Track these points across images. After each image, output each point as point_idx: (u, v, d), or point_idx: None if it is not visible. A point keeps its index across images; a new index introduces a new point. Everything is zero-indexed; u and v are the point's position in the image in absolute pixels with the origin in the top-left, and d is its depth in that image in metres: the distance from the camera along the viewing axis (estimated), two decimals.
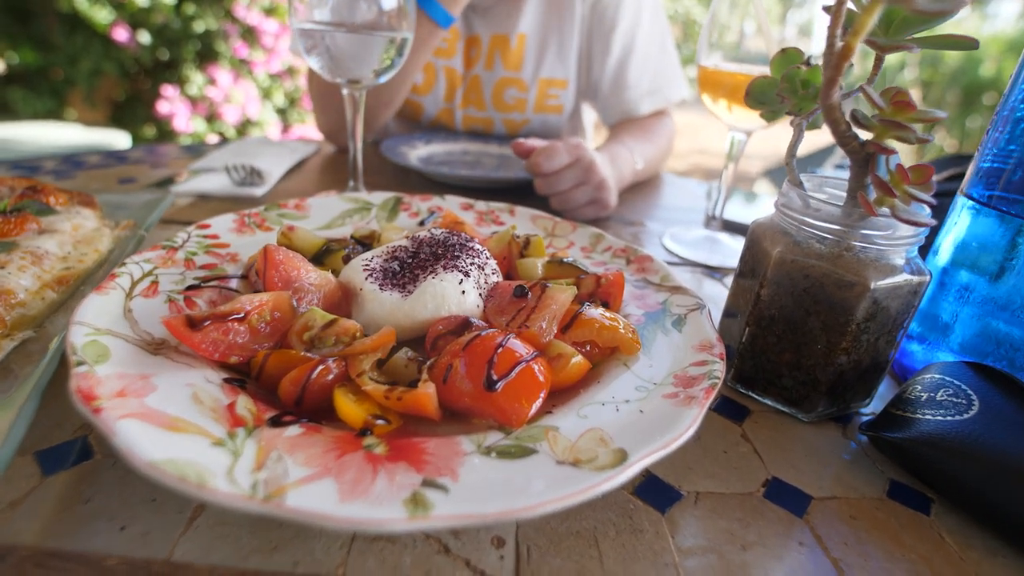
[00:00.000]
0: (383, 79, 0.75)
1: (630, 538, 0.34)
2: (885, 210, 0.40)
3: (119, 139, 2.35)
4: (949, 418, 0.39)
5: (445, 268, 0.46)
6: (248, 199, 0.83)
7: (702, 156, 8.73)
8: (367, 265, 0.47)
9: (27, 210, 0.56)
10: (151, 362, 0.36)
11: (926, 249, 0.56)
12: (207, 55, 2.49)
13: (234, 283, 0.50)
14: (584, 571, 0.31)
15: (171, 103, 2.42)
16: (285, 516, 0.26)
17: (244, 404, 0.34)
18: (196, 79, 2.46)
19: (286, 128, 2.96)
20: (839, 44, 0.36)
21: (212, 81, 2.50)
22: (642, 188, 1.10)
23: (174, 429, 0.31)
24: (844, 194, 0.45)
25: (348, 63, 0.71)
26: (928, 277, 0.44)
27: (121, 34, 2.23)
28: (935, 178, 0.83)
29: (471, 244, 0.50)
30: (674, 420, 0.35)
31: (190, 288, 0.46)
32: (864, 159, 0.41)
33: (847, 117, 0.40)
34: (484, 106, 1.22)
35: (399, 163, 0.96)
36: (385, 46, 0.71)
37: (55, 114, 2.52)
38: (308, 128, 3.03)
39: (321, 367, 0.36)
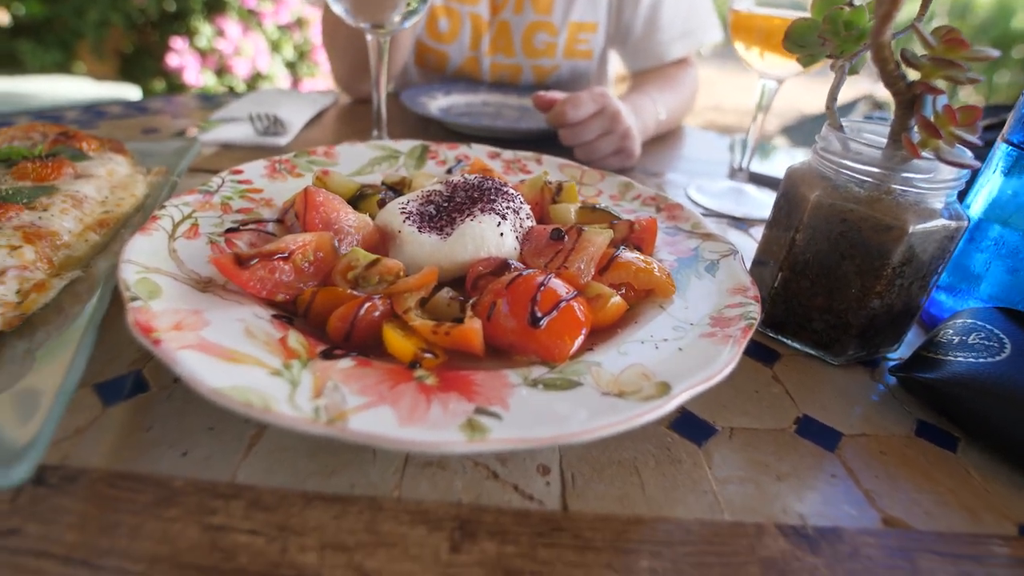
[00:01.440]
0: (407, 24, 0.74)
1: (669, 468, 0.35)
2: (928, 153, 0.40)
3: (130, 92, 2.32)
4: (981, 360, 0.40)
5: (483, 211, 0.46)
6: (272, 148, 0.83)
7: (716, 112, 8.53)
8: (404, 208, 0.48)
9: (62, 155, 0.56)
10: (201, 299, 0.37)
11: (962, 196, 0.55)
12: (215, 6, 2.44)
13: (270, 227, 0.50)
14: (627, 496, 0.33)
15: (180, 56, 2.38)
16: (349, 438, 0.27)
17: (295, 338, 0.35)
18: (205, 31, 2.41)
19: (296, 82, 2.91)
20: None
21: (221, 33, 2.45)
22: (664, 140, 1.08)
23: (232, 360, 0.32)
24: (883, 140, 0.45)
25: (373, 6, 0.70)
26: (966, 223, 0.44)
27: None
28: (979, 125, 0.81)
29: (505, 189, 0.50)
30: (713, 357, 0.36)
31: (229, 231, 0.47)
32: (910, 100, 0.40)
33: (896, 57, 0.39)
34: (513, 52, 1.20)
35: (420, 113, 0.95)
36: None
37: (63, 67, 2.49)
38: (318, 82, 2.98)
39: (368, 304, 0.37)
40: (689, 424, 0.39)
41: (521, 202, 0.51)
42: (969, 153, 0.41)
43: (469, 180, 0.51)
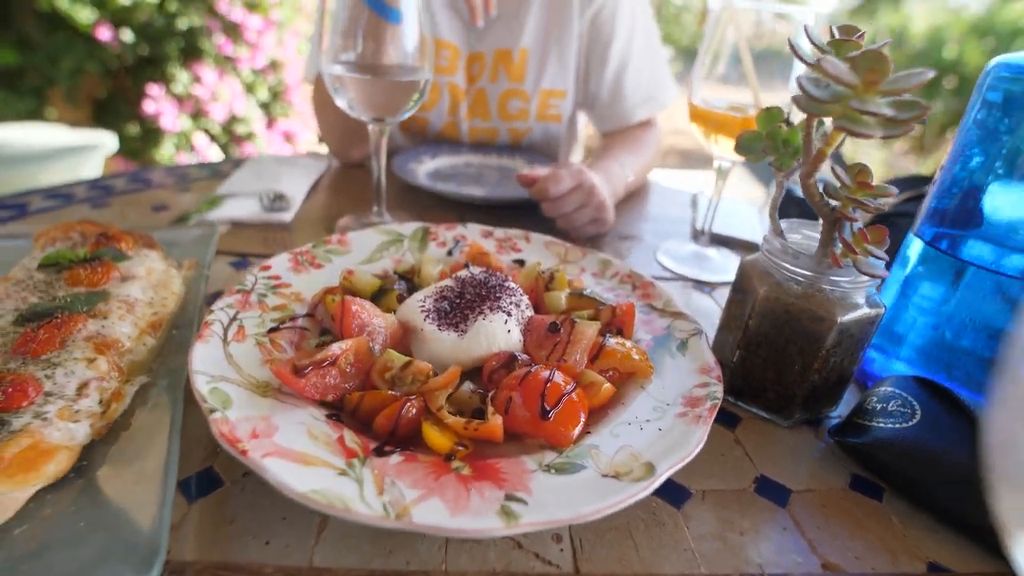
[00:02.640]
0: (406, 115, 0.83)
1: (656, 530, 0.44)
2: (849, 261, 0.50)
3: (106, 139, 2.35)
4: (898, 426, 0.50)
5: (491, 309, 0.55)
6: (278, 224, 0.90)
7: (677, 136, 8.83)
8: (423, 306, 0.56)
9: (105, 257, 0.63)
10: (264, 404, 0.45)
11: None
12: (191, 52, 2.49)
13: (302, 321, 0.58)
14: (624, 557, 0.41)
15: (157, 102, 2.42)
16: (415, 530, 0.35)
17: (350, 437, 0.43)
18: (181, 77, 2.46)
19: (271, 122, 2.97)
20: (815, 148, 0.45)
21: (197, 79, 2.49)
22: (633, 197, 1.19)
23: (305, 463, 0.40)
24: (816, 234, 0.56)
25: (378, 106, 0.79)
26: (883, 310, 0.54)
27: (104, 33, 2.22)
28: (894, 200, 0.94)
29: (507, 284, 0.59)
30: (687, 436, 0.45)
31: (271, 331, 0.54)
32: (833, 221, 0.51)
33: (820, 189, 0.50)
34: (490, 116, 1.30)
35: (412, 183, 1.03)
36: (410, 90, 0.78)
37: (36, 114, 2.49)
38: (292, 122, 3.05)
39: (408, 403, 0.45)
40: (670, 490, 0.48)
41: (521, 294, 0.59)
42: (881, 263, 0.52)
43: (476, 276, 0.60)
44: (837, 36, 0.45)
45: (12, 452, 0.38)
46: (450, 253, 0.75)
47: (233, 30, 2.55)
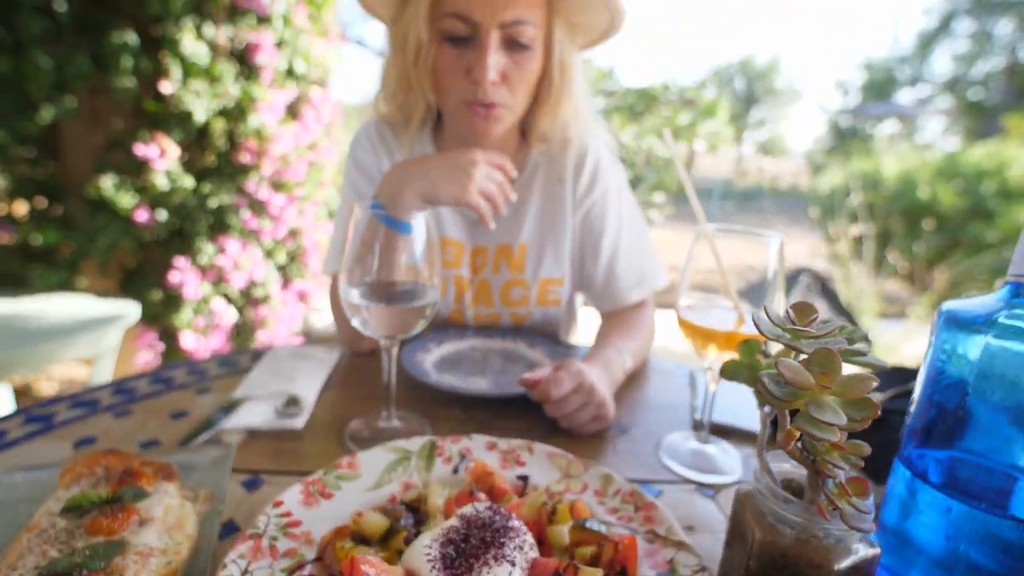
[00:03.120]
0: (414, 332, 0.90)
1: None
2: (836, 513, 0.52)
3: (130, 309, 2.47)
4: None
5: (496, 559, 0.56)
6: (290, 432, 0.94)
7: (675, 273, 9.14)
8: (428, 554, 0.57)
9: (125, 498, 0.65)
10: None
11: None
12: (219, 227, 2.71)
13: (310, 568, 0.59)
14: None
15: (182, 273, 2.59)
16: None
17: None
18: (207, 249, 2.65)
19: (286, 283, 3.14)
20: (780, 438, 0.50)
21: (222, 250, 2.69)
22: (632, 382, 1.23)
23: None
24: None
25: (389, 326, 0.86)
26: (879, 551, 0.55)
27: (142, 215, 2.44)
28: (880, 397, 0.97)
29: (511, 523, 0.61)
30: None
31: None
32: (816, 473, 0.54)
33: (800, 447, 0.53)
34: (493, 303, 1.39)
35: (420, 379, 1.08)
36: (419, 314, 0.86)
37: (67, 283, 2.66)
38: (308, 283, 3.22)
39: None
40: None
41: (525, 533, 0.61)
42: (868, 516, 0.54)
43: (480, 515, 0.62)
44: (793, 318, 0.51)
45: None
46: (456, 471, 0.77)
47: (258, 206, 2.80)
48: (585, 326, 1.63)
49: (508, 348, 1.33)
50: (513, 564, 0.56)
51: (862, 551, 0.54)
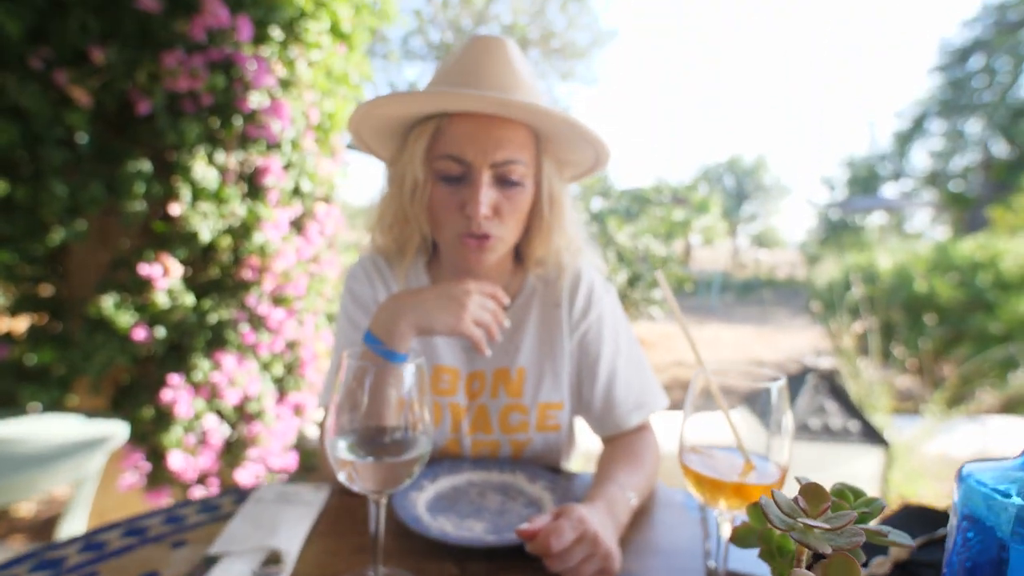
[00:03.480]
0: (405, 486, 0.85)
1: None
2: None
3: (118, 430, 2.40)
4: None
5: None
6: None
7: (679, 368, 9.08)
8: None
9: None
10: None
11: None
12: (216, 342, 2.70)
13: None
14: None
15: (175, 391, 2.54)
16: None
17: None
18: (203, 365, 2.62)
19: (282, 396, 3.08)
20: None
21: (217, 366, 2.66)
22: (638, 523, 1.15)
23: None
24: None
25: (377, 482, 0.81)
26: None
27: (139, 333, 2.44)
28: (912, 545, 0.90)
29: None
30: None
31: None
32: None
33: None
34: (491, 430, 1.34)
35: (410, 526, 1.01)
36: (410, 467, 0.82)
37: (58, 402, 2.60)
38: (304, 395, 3.16)
39: None
40: None
41: None
42: None
43: None
44: (804, 507, 0.47)
45: None
46: None
47: (258, 320, 2.80)
48: (584, 445, 1.57)
49: (507, 482, 1.26)
50: None
51: None
